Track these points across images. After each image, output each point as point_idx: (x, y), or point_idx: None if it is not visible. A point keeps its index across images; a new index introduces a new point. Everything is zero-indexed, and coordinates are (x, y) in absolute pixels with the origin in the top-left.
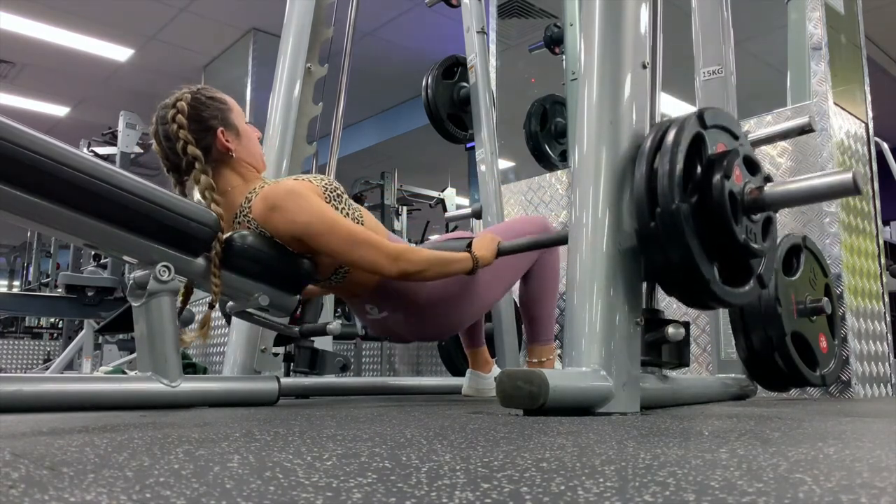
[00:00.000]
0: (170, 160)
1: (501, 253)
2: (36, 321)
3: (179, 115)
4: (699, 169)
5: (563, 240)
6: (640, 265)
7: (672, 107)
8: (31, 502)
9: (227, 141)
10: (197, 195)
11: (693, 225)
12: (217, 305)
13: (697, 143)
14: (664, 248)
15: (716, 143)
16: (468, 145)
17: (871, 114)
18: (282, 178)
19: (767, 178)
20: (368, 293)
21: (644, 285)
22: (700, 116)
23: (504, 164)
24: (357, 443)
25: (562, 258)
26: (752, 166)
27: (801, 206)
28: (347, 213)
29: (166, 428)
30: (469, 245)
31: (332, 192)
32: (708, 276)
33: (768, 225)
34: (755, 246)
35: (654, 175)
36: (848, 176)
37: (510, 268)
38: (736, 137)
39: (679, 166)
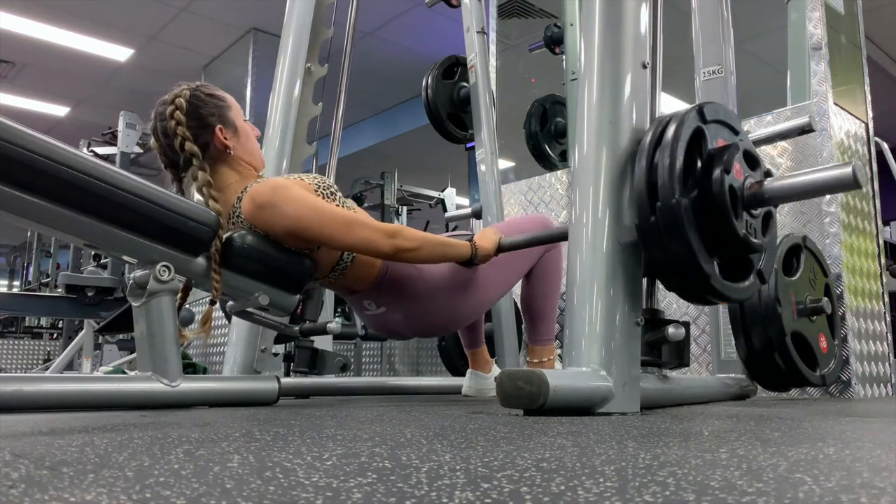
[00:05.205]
0: (168, 157)
1: (502, 249)
2: (36, 321)
3: (178, 112)
4: (699, 164)
5: (563, 236)
6: (640, 265)
7: (672, 107)
8: (31, 502)
9: (225, 138)
10: (195, 192)
11: (693, 219)
12: (218, 303)
13: (698, 137)
14: (664, 243)
15: (716, 139)
16: (468, 145)
17: (871, 114)
18: (271, 177)
19: (767, 174)
20: (367, 288)
21: (644, 284)
22: (700, 111)
23: (504, 164)
24: (357, 443)
25: (563, 258)
26: (753, 161)
27: (801, 206)
28: (340, 206)
29: (166, 428)
30: (471, 238)
31: (324, 190)
32: (708, 270)
33: (768, 220)
34: (755, 241)
35: (654, 169)
36: (847, 170)
37: (511, 264)
38: (736, 133)
39: (679, 161)
